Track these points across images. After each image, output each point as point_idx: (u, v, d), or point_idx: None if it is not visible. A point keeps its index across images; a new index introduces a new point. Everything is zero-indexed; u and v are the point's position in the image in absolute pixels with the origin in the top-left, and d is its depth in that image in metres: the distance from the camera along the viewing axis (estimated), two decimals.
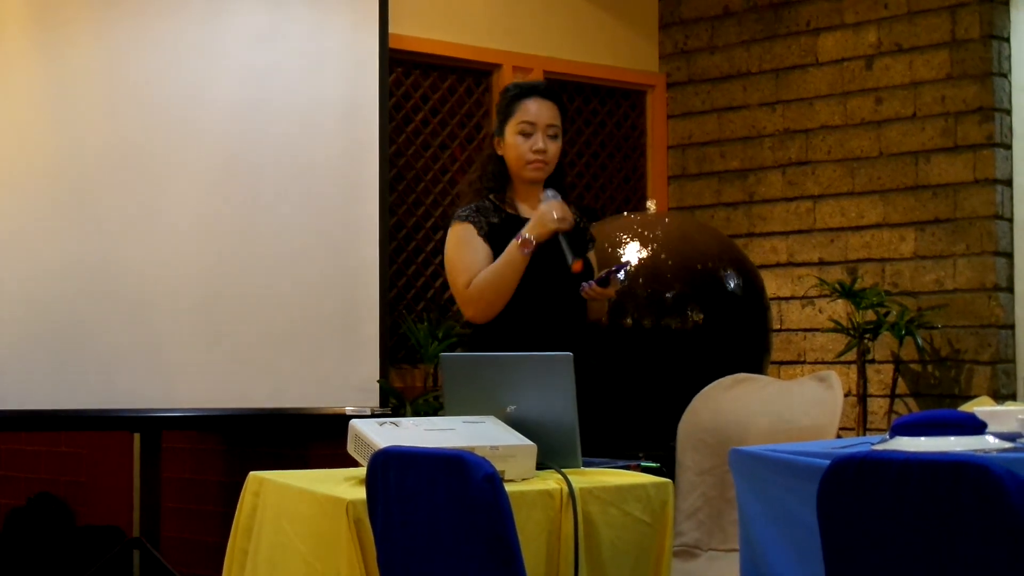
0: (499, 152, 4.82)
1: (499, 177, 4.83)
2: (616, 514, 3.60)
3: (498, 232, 4.73)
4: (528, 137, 4.75)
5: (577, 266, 4.61)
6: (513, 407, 3.80)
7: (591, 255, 4.92)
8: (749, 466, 3.44)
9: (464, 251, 4.73)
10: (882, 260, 6.96)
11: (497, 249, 4.70)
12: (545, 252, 4.68)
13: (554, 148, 4.78)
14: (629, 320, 5.92)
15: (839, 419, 4.90)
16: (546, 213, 4.64)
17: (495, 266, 4.66)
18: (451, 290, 4.81)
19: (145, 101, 5.92)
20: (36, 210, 5.77)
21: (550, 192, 4.72)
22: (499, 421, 3.78)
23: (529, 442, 3.66)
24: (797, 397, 5.14)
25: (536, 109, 4.77)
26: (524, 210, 4.82)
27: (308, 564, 3.56)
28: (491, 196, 4.81)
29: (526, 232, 4.62)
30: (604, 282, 4.66)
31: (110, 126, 5.87)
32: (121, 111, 5.89)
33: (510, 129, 4.78)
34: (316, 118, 6.16)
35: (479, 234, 4.72)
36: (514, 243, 4.62)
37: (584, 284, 4.65)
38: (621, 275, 4.68)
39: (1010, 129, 6.69)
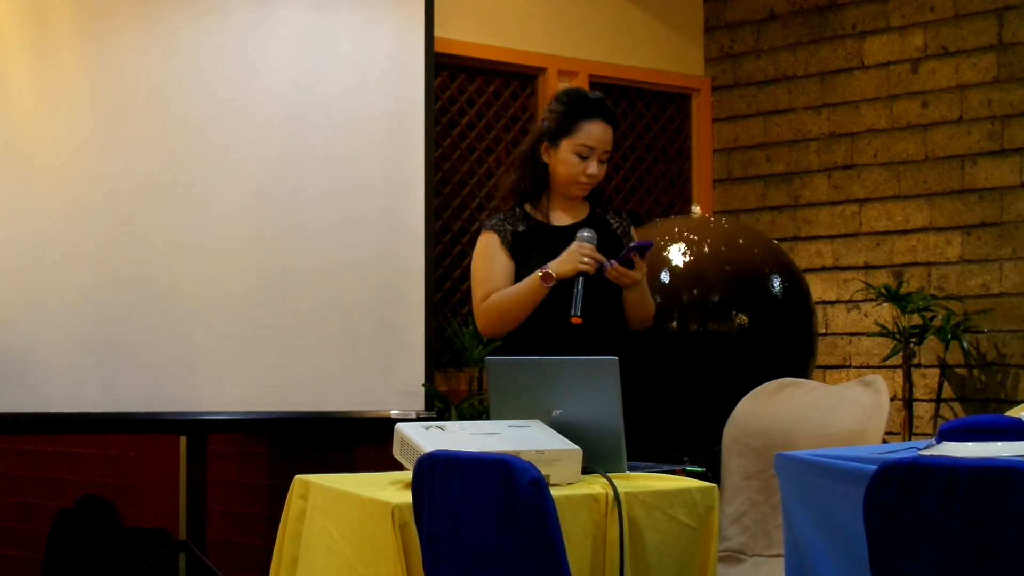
0: (544, 159, 4.81)
1: (539, 182, 4.84)
2: (661, 519, 3.60)
3: (522, 240, 4.77)
4: (583, 159, 4.75)
5: (576, 320, 4.57)
6: (559, 411, 3.81)
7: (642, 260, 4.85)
8: (795, 471, 3.43)
9: (485, 263, 4.77)
10: (928, 264, 6.93)
11: (518, 257, 4.75)
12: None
13: (602, 172, 4.79)
14: (674, 324, 5.91)
15: (885, 424, 4.88)
16: (575, 252, 4.63)
17: (514, 290, 4.69)
18: (472, 297, 4.84)
19: (191, 107, 5.95)
20: (82, 215, 5.80)
21: (587, 232, 4.69)
22: (544, 425, 3.79)
23: (575, 446, 3.67)
24: (843, 401, 5.13)
25: (599, 134, 4.75)
26: (556, 218, 4.85)
27: (352, 568, 3.57)
28: (525, 204, 4.85)
29: (551, 267, 4.63)
30: (627, 262, 4.63)
31: (156, 132, 5.89)
32: (167, 118, 5.92)
33: (567, 146, 4.76)
34: (362, 122, 6.17)
35: (502, 243, 4.75)
36: (537, 274, 4.63)
37: (606, 264, 4.64)
38: (643, 254, 4.65)
39: None
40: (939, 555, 2.63)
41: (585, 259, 4.60)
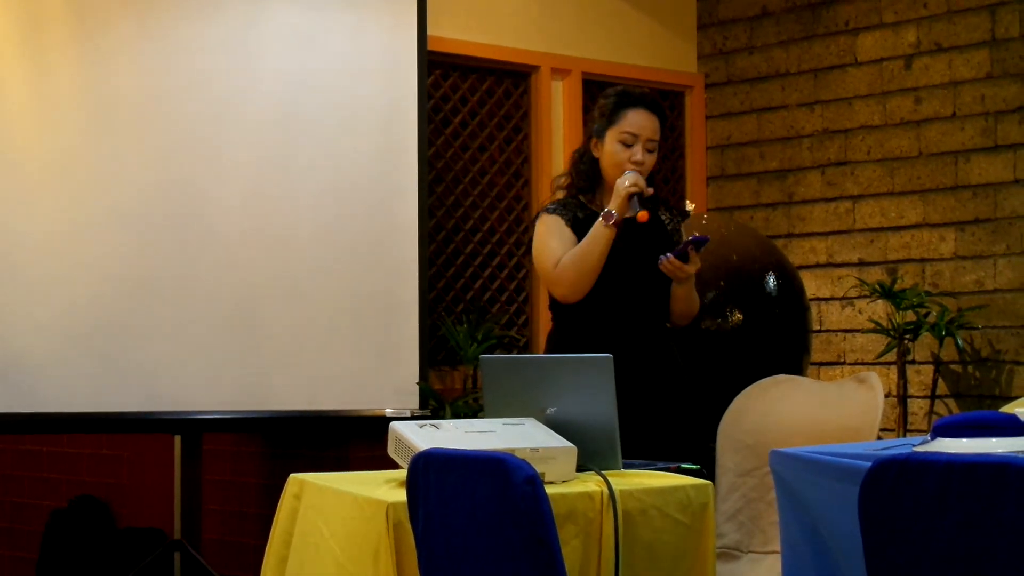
0: (595, 154, 4.92)
1: (590, 177, 4.93)
2: (656, 516, 3.60)
3: (583, 225, 4.85)
4: (628, 147, 4.83)
5: (642, 215, 4.68)
6: (553, 409, 3.81)
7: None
8: (789, 468, 3.43)
9: (551, 238, 4.86)
10: (922, 260, 6.93)
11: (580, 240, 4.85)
12: (631, 243, 4.81)
13: (650, 161, 4.88)
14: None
15: (879, 420, 4.89)
16: (620, 181, 4.75)
17: (582, 243, 4.78)
18: (541, 278, 4.94)
19: (184, 106, 5.95)
20: (77, 213, 5.80)
21: (630, 175, 4.77)
22: (539, 423, 3.79)
23: (569, 444, 3.67)
24: (837, 398, 5.13)
25: (641, 121, 4.85)
26: None
27: (340, 566, 3.56)
28: (579, 196, 4.94)
29: (609, 207, 4.73)
30: (683, 256, 4.69)
31: (149, 132, 5.89)
32: (160, 117, 5.91)
33: (611, 136, 4.86)
34: (355, 121, 6.17)
35: (567, 223, 4.85)
36: (599, 221, 4.73)
37: (662, 257, 4.71)
38: (699, 249, 4.73)
39: None
40: (934, 551, 2.63)
41: (628, 182, 4.71)
